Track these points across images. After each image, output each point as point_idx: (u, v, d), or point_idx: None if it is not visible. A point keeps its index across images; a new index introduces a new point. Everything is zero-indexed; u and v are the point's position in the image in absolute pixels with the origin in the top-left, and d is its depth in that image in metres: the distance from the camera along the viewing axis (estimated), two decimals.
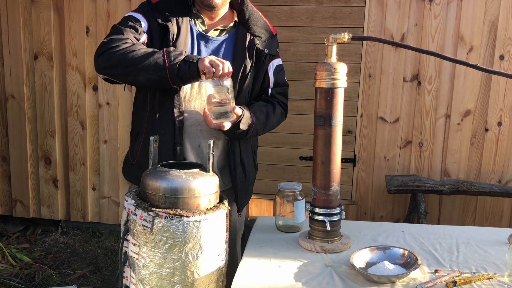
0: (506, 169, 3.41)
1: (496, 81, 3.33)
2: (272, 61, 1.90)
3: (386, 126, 3.49)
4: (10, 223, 4.00)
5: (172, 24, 1.72)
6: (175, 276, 1.40)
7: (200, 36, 1.79)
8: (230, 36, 1.83)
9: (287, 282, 1.44)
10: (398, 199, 3.56)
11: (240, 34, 1.83)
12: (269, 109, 1.87)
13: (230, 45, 1.82)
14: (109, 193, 3.83)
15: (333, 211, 1.67)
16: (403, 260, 1.53)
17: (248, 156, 1.90)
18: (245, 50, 1.80)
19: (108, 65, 1.64)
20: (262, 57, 1.83)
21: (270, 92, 1.92)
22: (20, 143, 3.82)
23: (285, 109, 1.97)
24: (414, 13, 3.35)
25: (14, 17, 3.67)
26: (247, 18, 1.84)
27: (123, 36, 1.66)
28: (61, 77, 3.74)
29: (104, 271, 3.28)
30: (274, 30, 1.92)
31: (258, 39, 1.83)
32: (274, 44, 1.91)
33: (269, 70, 1.89)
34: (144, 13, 1.75)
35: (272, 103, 1.91)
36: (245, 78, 1.80)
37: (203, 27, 1.81)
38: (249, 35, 1.82)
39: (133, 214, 1.44)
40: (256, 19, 1.86)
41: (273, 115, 1.88)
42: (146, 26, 1.73)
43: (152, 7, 1.76)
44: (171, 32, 1.71)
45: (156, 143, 1.55)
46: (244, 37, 1.81)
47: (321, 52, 3.46)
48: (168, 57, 1.59)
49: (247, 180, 1.90)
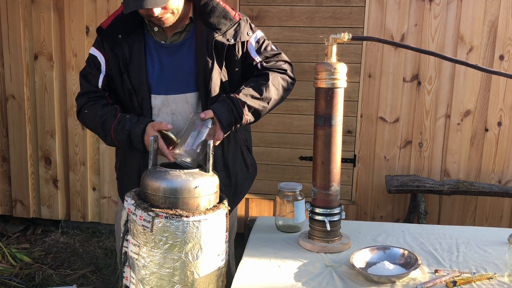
0: (506, 169, 3.41)
1: (496, 81, 3.33)
2: (249, 42, 1.76)
3: (386, 126, 3.49)
4: (10, 223, 4.00)
5: (123, 47, 1.72)
6: (175, 276, 1.40)
7: (157, 48, 1.74)
8: (190, 35, 1.74)
9: (287, 282, 1.44)
10: (398, 199, 3.56)
11: (198, 30, 1.71)
12: (261, 80, 1.72)
13: (191, 45, 1.74)
14: (109, 193, 3.83)
15: (333, 211, 1.67)
16: (403, 260, 1.54)
17: (235, 158, 1.84)
18: (203, 47, 1.69)
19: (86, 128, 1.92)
20: (224, 50, 1.70)
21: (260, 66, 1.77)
22: (20, 143, 3.82)
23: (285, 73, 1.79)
24: (414, 13, 3.35)
25: (14, 17, 3.67)
26: (202, 9, 1.71)
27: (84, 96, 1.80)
28: (61, 77, 3.74)
29: (104, 271, 3.28)
30: (238, 15, 1.76)
31: (217, 32, 1.69)
32: (243, 29, 1.74)
33: (251, 52, 1.76)
34: (100, 45, 1.78)
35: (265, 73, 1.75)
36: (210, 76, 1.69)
37: (160, 35, 1.75)
38: (206, 29, 1.69)
39: (133, 214, 1.44)
40: (213, 8, 1.71)
41: (268, 83, 1.71)
42: (103, 61, 1.77)
43: (103, 34, 1.75)
44: (121, 59, 1.71)
45: (156, 143, 1.55)
46: (202, 33, 1.70)
47: (321, 52, 3.46)
48: (118, 143, 1.71)
49: (234, 184, 1.84)
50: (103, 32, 1.75)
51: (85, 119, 1.80)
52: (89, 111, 1.77)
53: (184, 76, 1.73)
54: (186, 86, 1.73)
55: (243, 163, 1.89)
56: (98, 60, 1.78)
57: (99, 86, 1.78)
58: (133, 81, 1.72)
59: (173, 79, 1.73)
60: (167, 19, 1.65)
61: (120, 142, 1.69)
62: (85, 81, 1.81)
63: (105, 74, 1.78)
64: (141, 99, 1.72)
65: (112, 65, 1.75)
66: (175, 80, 1.73)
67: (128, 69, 1.72)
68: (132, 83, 1.72)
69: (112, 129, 1.68)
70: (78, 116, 1.85)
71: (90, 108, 1.77)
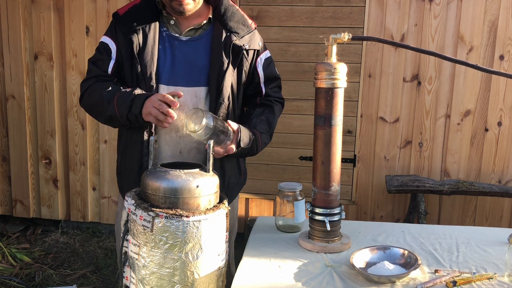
0: (506, 169, 3.41)
1: (496, 81, 3.33)
2: (260, 56, 1.86)
3: (386, 126, 3.49)
4: (10, 223, 4.00)
5: (137, 34, 1.72)
6: (175, 276, 1.40)
7: (171, 40, 1.76)
8: (206, 34, 1.79)
9: (287, 282, 1.44)
10: (398, 199, 3.56)
11: (216, 31, 1.78)
12: (269, 115, 1.87)
13: (207, 43, 1.78)
14: (109, 193, 3.83)
15: (333, 211, 1.67)
16: (403, 260, 1.54)
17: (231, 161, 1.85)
18: (221, 47, 1.75)
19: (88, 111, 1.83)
20: (241, 54, 1.78)
21: (264, 91, 1.89)
22: (20, 143, 3.82)
23: (282, 103, 1.97)
24: (414, 13, 3.35)
25: (14, 17, 3.67)
26: (223, 13, 1.79)
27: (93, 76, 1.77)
28: (61, 77, 3.74)
29: (104, 271, 3.28)
30: (254, 24, 1.86)
31: (235, 35, 1.77)
32: (256, 38, 1.85)
33: (258, 66, 1.86)
34: (112, 33, 1.77)
35: (269, 105, 1.89)
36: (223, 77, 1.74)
37: (176, 28, 1.78)
38: (225, 31, 1.77)
39: (133, 214, 1.44)
40: (233, 13, 1.80)
41: (273, 118, 1.88)
42: (115, 48, 1.76)
43: (119, 19, 1.76)
44: (134, 45, 1.71)
45: (156, 143, 1.56)
46: (220, 34, 1.77)
47: (321, 52, 3.46)
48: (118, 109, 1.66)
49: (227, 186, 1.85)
50: (119, 18, 1.76)
51: (91, 94, 1.75)
52: (97, 87, 1.74)
53: (196, 71, 1.75)
54: (197, 80, 1.75)
55: (237, 168, 1.90)
56: (109, 47, 1.77)
57: (108, 71, 1.77)
58: (143, 69, 1.72)
59: (184, 72, 1.75)
60: (187, 4, 1.69)
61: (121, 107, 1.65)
62: (94, 66, 1.79)
63: (115, 61, 1.77)
64: (149, 88, 1.72)
65: (123, 51, 1.74)
66: (186, 73, 1.75)
67: (140, 57, 1.72)
68: (142, 70, 1.72)
69: (117, 96, 1.67)
70: (82, 98, 1.79)
71: (98, 85, 1.74)
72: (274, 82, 1.93)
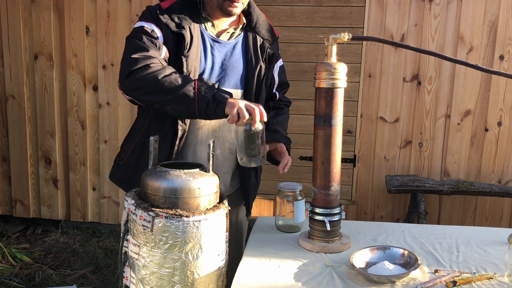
0: (506, 169, 3.41)
1: (496, 81, 3.33)
2: (276, 63, 1.93)
3: (386, 126, 3.49)
4: (10, 223, 4.00)
5: (186, 31, 1.66)
6: (175, 276, 1.40)
7: (212, 41, 1.75)
8: (241, 38, 1.82)
9: (287, 282, 1.44)
10: (398, 199, 3.56)
11: (250, 37, 1.83)
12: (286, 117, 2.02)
13: (242, 48, 1.81)
14: (109, 193, 3.83)
15: (333, 211, 1.67)
16: (403, 260, 1.54)
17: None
18: (258, 53, 1.82)
19: (136, 90, 1.57)
20: (273, 60, 1.87)
21: (277, 96, 1.98)
22: (20, 143, 3.82)
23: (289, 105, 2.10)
24: (414, 13, 3.35)
25: (14, 17, 3.67)
26: (255, 21, 1.84)
27: (148, 53, 1.57)
28: (61, 77, 3.74)
29: (104, 271, 3.28)
30: (277, 32, 1.95)
31: (267, 42, 1.86)
32: (276, 46, 1.95)
33: (274, 72, 1.92)
34: (156, 21, 1.66)
35: (282, 108, 2.01)
36: (261, 82, 1.82)
37: (213, 30, 1.77)
38: (259, 38, 1.84)
39: (133, 214, 1.44)
40: (263, 21, 1.87)
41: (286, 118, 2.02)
42: (161, 37, 1.64)
43: (163, 13, 1.68)
44: (186, 42, 1.65)
45: (156, 143, 1.55)
46: (255, 41, 1.83)
47: (321, 52, 3.46)
48: (198, 91, 1.52)
49: (257, 185, 1.96)
50: (162, 11, 1.68)
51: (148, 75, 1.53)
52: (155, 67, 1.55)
53: (234, 73, 1.78)
54: (234, 82, 1.78)
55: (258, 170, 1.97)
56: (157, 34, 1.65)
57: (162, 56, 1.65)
58: (188, 67, 1.67)
59: (222, 73, 1.77)
60: (237, 7, 1.71)
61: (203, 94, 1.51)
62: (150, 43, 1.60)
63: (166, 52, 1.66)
64: None
65: (171, 45, 1.66)
66: (224, 75, 1.77)
67: (187, 54, 1.67)
68: (187, 68, 1.67)
69: (197, 81, 1.55)
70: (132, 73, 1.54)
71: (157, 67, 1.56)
72: (286, 88, 2.05)
